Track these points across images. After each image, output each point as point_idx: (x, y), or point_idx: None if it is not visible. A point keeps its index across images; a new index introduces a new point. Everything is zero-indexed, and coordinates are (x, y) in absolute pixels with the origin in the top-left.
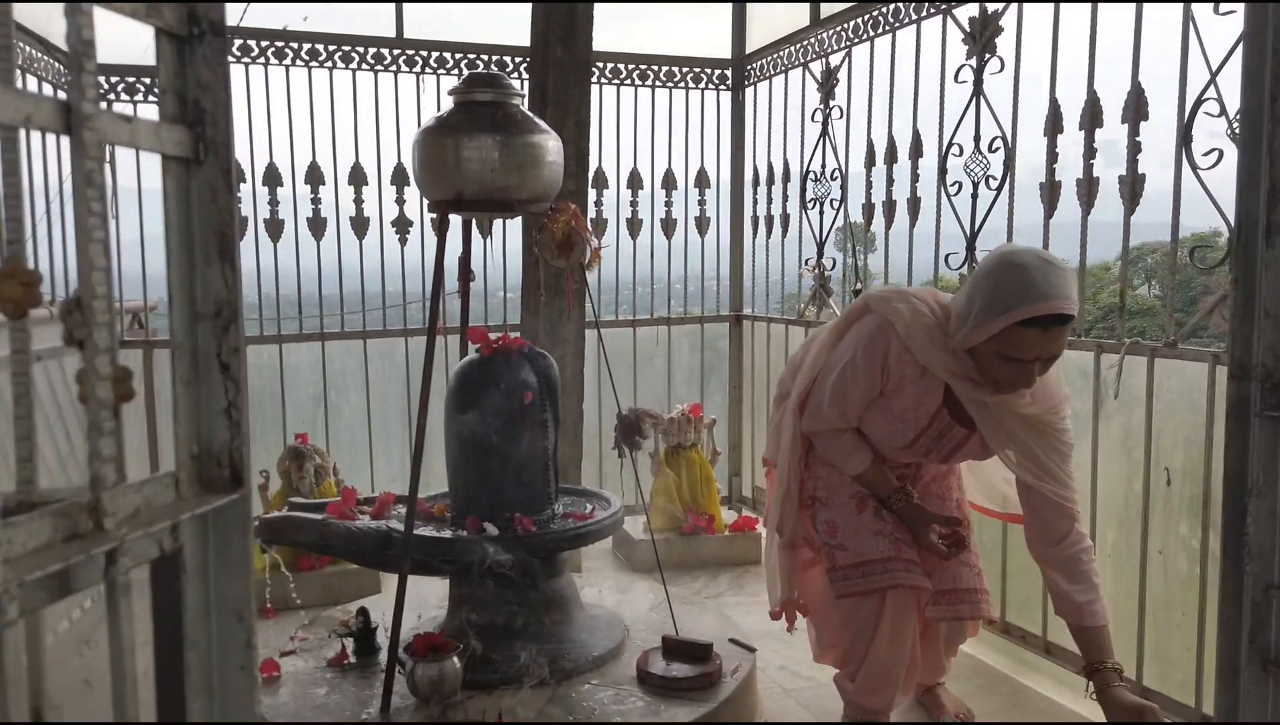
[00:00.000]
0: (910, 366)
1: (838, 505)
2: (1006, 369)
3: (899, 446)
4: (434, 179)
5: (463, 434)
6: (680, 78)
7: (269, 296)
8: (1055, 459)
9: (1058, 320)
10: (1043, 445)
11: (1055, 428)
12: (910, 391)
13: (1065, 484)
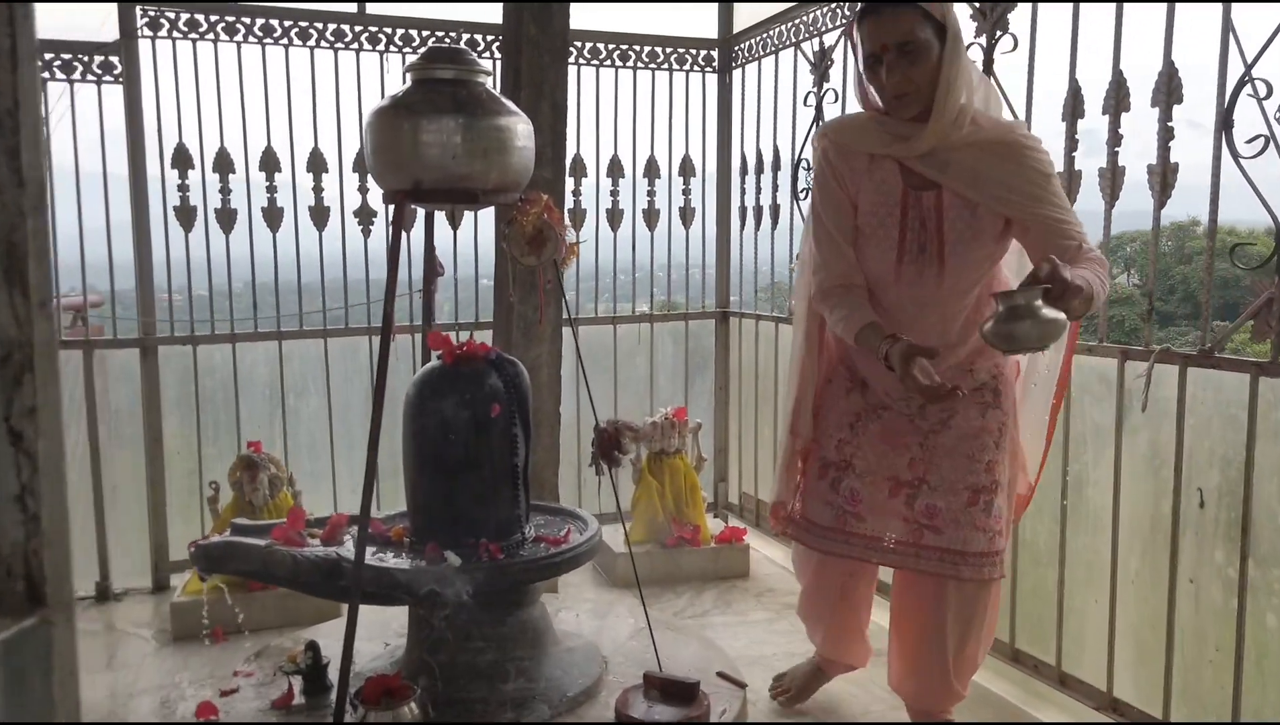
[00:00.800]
0: (856, 159)
1: (809, 462)
2: (878, 78)
3: (891, 261)
4: (389, 166)
5: (422, 450)
6: (664, 59)
7: (221, 292)
8: (1037, 180)
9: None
10: (1015, 170)
11: (1022, 145)
12: (868, 185)
13: (1057, 205)
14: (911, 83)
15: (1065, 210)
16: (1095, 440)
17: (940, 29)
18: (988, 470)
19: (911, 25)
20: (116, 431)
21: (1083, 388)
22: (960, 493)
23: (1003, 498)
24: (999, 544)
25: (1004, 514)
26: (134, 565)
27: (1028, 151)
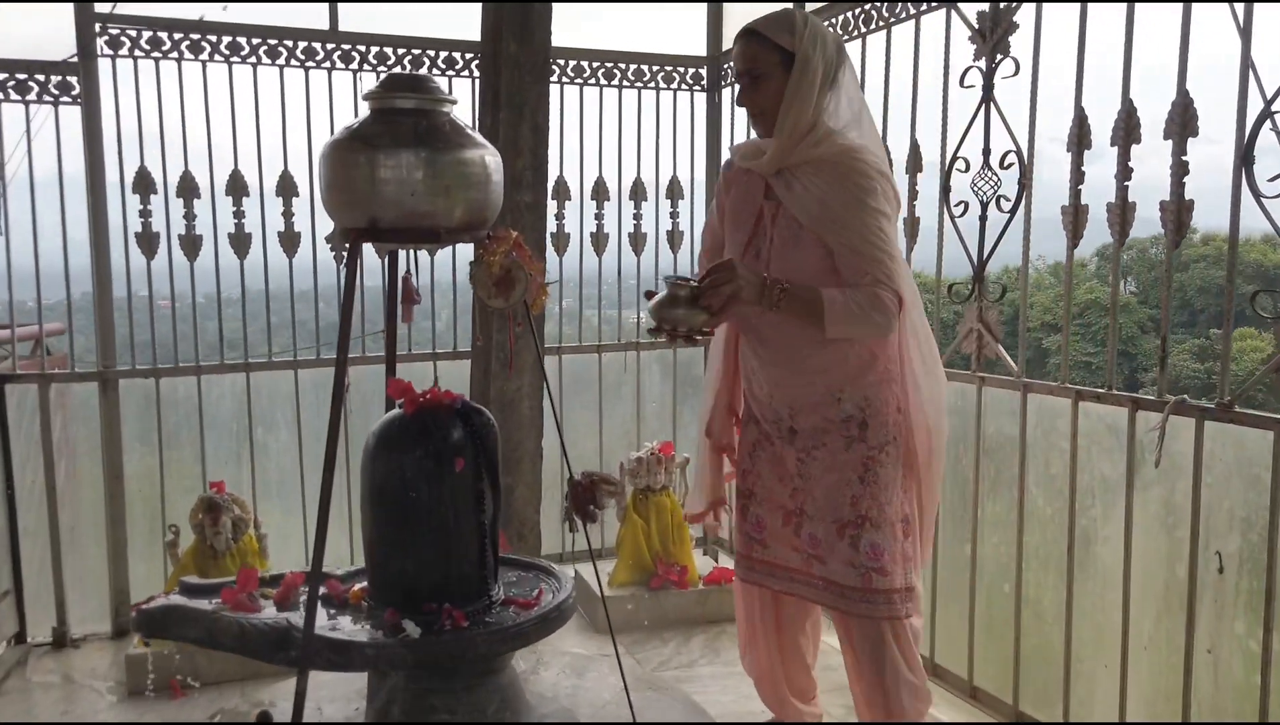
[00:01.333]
0: (736, 174)
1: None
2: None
3: (740, 242)
4: (343, 202)
5: (380, 507)
6: (650, 77)
7: (185, 321)
8: (852, 205)
9: (743, 35)
10: (835, 191)
11: (849, 167)
12: (736, 195)
13: (862, 236)
14: (756, 105)
15: (871, 243)
16: (1104, 494)
17: (791, 57)
18: (852, 505)
19: (756, 53)
20: (75, 469)
21: (1091, 437)
22: (829, 524)
23: (880, 534)
24: (877, 582)
25: (887, 551)
26: (93, 610)
27: (853, 175)
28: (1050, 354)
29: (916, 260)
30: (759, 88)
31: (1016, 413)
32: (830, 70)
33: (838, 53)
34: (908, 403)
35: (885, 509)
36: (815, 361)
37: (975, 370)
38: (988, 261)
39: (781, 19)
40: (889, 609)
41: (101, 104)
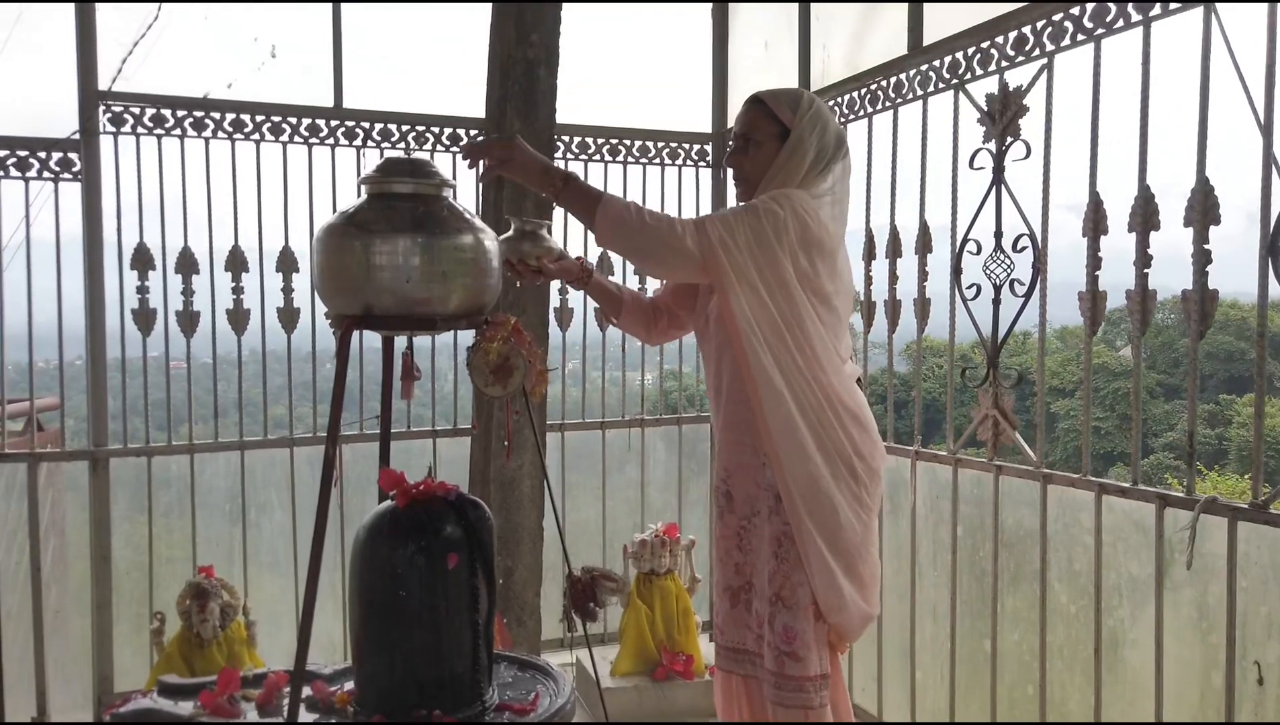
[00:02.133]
0: None
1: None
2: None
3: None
4: (337, 289)
5: (369, 604)
6: (655, 153)
7: (179, 399)
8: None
9: (750, 100)
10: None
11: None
12: None
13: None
14: (742, 170)
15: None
16: (1132, 594)
17: (788, 131)
18: (769, 581)
19: (756, 119)
20: (62, 549)
21: (1116, 533)
22: (726, 591)
23: (793, 616)
24: (789, 668)
25: (799, 635)
26: (75, 697)
27: (762, 204)
28: (1059, 419)
29: (940, 346)
30: (749, 153)
31: (1036, 503)
32: (823, 158)
33: (836, 146)
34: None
35: (798, 589)
36: (746, 420)
37: (991, 458)
38: (1002, 346)
39: (790, 95)
40: (802, 698)
41: (102, 179)
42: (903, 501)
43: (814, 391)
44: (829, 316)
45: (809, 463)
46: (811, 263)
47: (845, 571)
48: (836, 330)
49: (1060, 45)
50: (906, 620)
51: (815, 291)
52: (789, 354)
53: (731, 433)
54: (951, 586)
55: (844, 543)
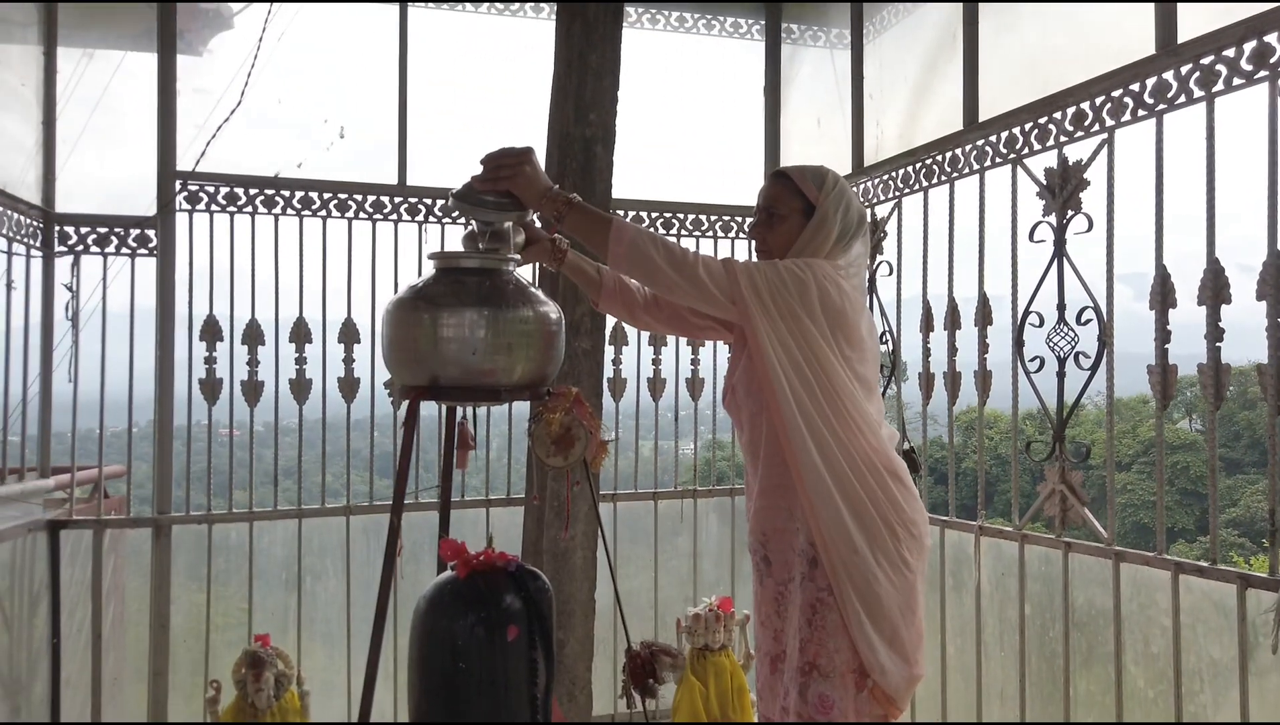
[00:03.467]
0: None
1: None
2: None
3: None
4: (405, 360)
5: (428, 675)
6: (708, 226)
7: (242, 467)
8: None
9: (773, 175)
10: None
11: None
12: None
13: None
14: (765, 243)
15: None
16: (1214, 678)
17: (812, 207)
18: (801, 650)
19: (780, 194)
20: (122, 615)
21: (1195, 614)
22: (767, 657)
23: (829, 685)
24: None
25: (837, 704)
26: None
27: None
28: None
29: (990, 417)
30: (773, 226)
31: (1106, 581)
32: (846, 235)
33: (858, 224)
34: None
35: (835, 657)
36: (783, 483)
37: (1059, 534)
38: (1068, 420)
39: (815, 172)
40: None
41: (176, 253)
42: (966, 578)
43: (847, 448)
44: (858, 374)
45: (843, 525)
46: (832, 329)
47: (888, 638)
48: (866, 390)
49: (1120, 120)
50: (973, 703)
51: (840, 356)
52: (819, 408)
53: (767, 497)
54: (1020, 668)
55: (885, 606)
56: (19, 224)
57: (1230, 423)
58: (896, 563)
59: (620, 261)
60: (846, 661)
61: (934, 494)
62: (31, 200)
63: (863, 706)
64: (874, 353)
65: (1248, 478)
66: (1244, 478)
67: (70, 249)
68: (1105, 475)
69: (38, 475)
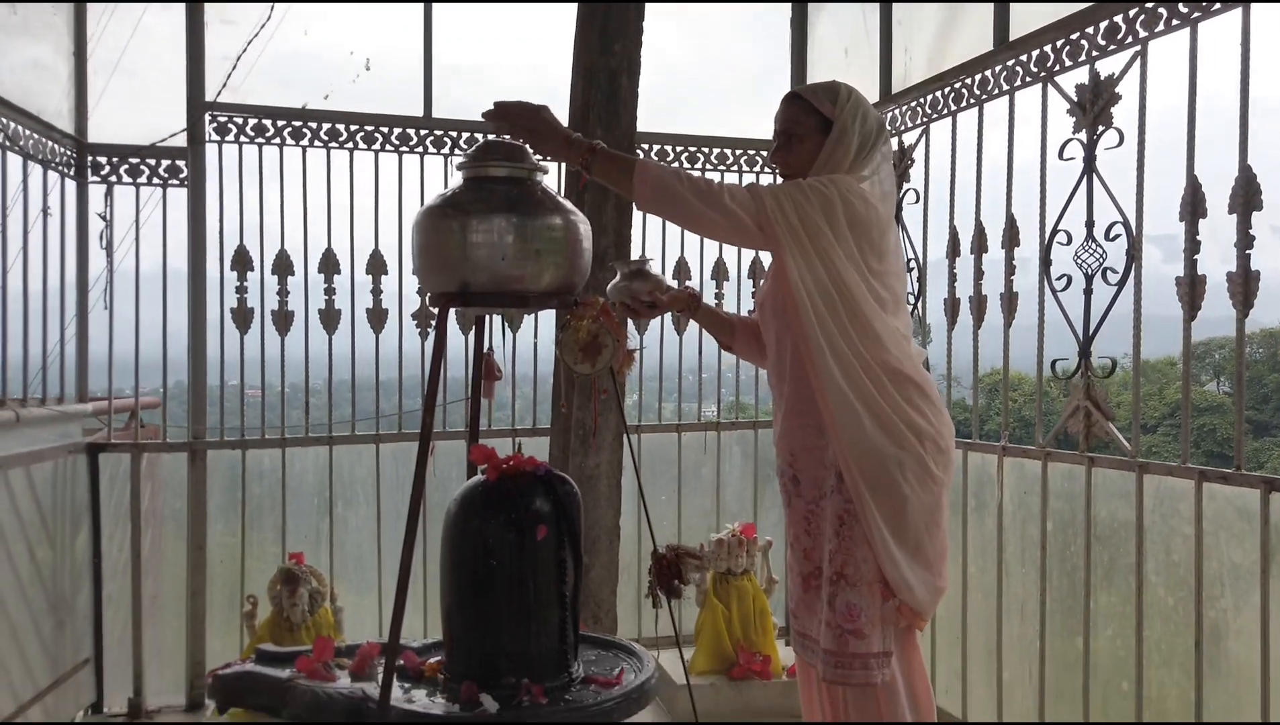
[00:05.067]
0: None
1: None
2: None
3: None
4: (435, 267)
5: (460, 575)
6: (733, 160)
7: (274, 394)
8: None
9: (787, 97)
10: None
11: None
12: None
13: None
14: (787, 166)
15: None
16: (1235, 583)
17: (829, 123)
18: (829, 560)
19: (796, 115)
20: (160, 538)
21: (1218, 522)
22: (798, 577)
23: (856, 594)
24: (853, 645)
25: (864, 612)
26: (169, 682)
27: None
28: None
29: (1015, 337)
30: (793, 149)
31: (1130, 495)
32: (866, 145)
33: (878, 131)
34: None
35: (861, 567)
36: (810, 402)
37: (1083, 450)
38: (1094, 336)
39: (827, 88)
40: (865, 675)
41: (206, 185)
42: (988, 499)
43: (869, 363)
44: (884, 292)
45: (865, 436)
46: (859, 244)
47: (912, 550)
48: (893, 306)
49: (1154, 31)
50: (992, 619)
51: (867, 270)
52: (840, 325)
53: (794, 417)
54: (1040, 583)
55: (909, 518)
56: (53, 151)
57: (1260, 384)
58: (921, 475)
59: (647, 200)
60: (873, 571)
61: (956, 418)
62: (65, 129)
63: (888, 615)
64: (900, 267)
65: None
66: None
67: (103, 179)
68: (1129, 393)
69: (76, 402)
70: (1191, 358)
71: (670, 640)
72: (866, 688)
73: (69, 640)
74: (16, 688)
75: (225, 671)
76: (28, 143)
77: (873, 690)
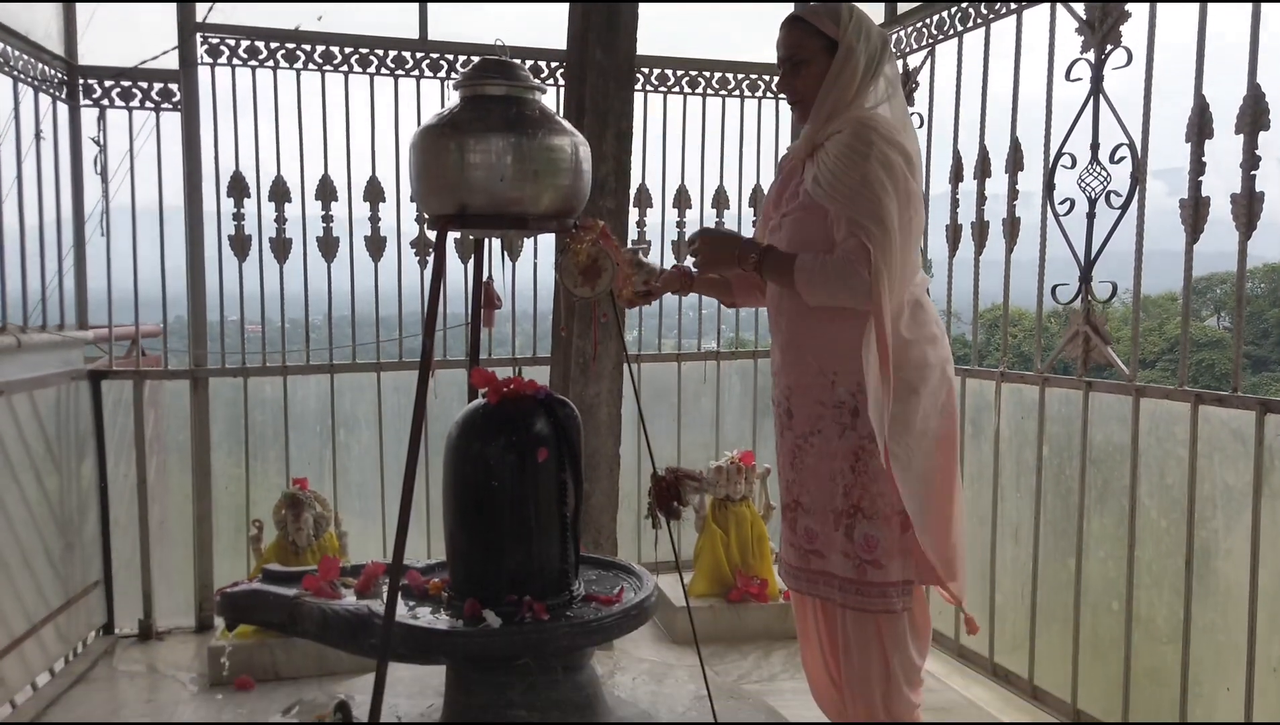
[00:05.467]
0: (784, 165)
1: None
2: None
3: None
4: (433, 189)
5: (462, 496)
6: (734, 85)
7: (274, 323)
8: (840, 164)
9: (787, 21)
10: (837, 152)
11: (854, 128)
12: (778, 181)
13: (853, 202)
14: (796, 92)
15: (856, 206)
16: (1227, 504)
17: (834, 44)
18: (845, 494)
19: (799, 39)
20: (165, 465)
21: (1212, 444)
22: (826, 515)
23: (874, 526)
24: (871, 575)
25: (881, 543)
26: (178, 604)
27: (857, 135)
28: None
29: (1018, 260)
30: (799, 74)
31: (1126, 419)
32: (873, 62)
33: (882, 47)
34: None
35: (878, 500)
36: (809, 339)
37: (1081, 375)
38: (1095, 260)
39: (828, 8)
40: (884, 603)
41: (200, 110)
42: (986, 425)
43: (901, 302)
44: (916, 218)
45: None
46: (901, 210)
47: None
48: (917, 234)
49: None
50: (987, 543)
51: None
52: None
53: (792, 351)
54: (1035, 507)
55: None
56: (44, 75)
57: (1259, 320)
58: (938, 406)
59: (809, 290)
60: (891, 504)
61: (956, 353)
62: (55, 50)
63: (907, 545)
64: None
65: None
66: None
67: (95, 102)
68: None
69: (76, 330)
70: (1192, 291)
71: (669, 565)
72: (886, 615)
73: (78, 563)
74: (29, 608)
75: (233, 590)
76: (18, 63)
77: (873, 616)
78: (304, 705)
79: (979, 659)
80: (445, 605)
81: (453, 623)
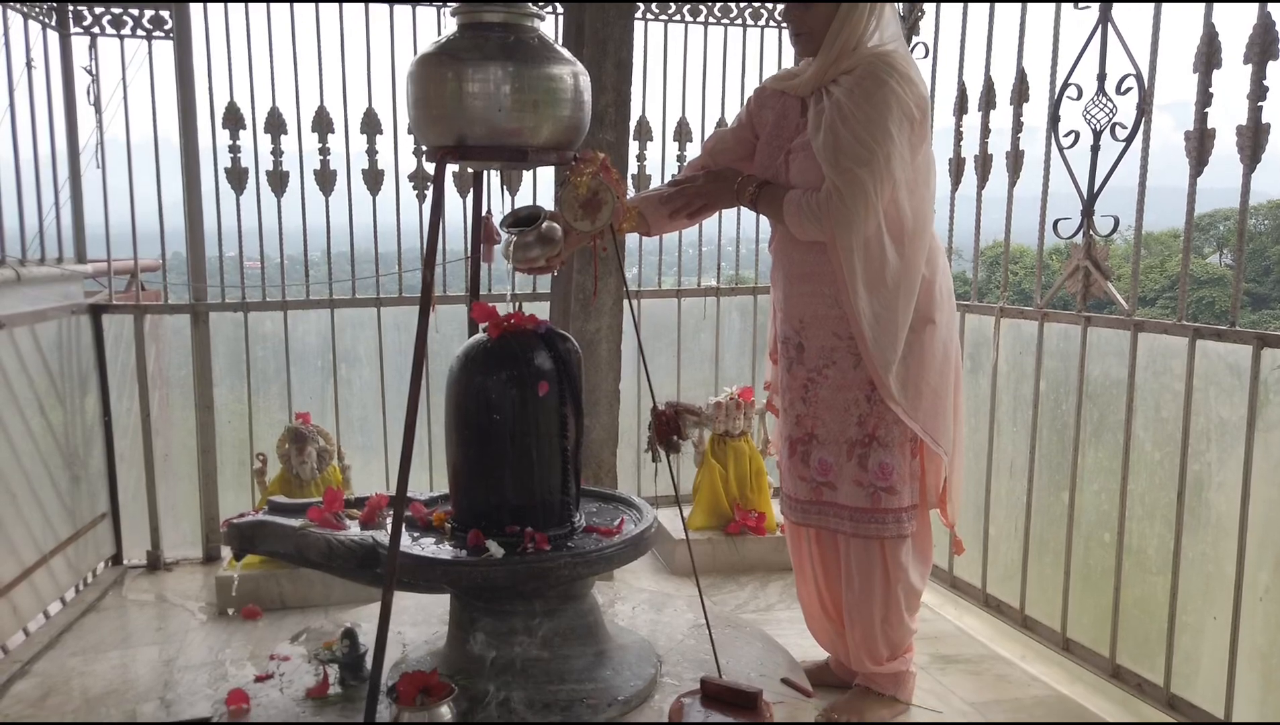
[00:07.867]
0: (770, 98)
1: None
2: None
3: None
4: (430, 119)
5: (464, 430)
6: (737, 14)
7: (273, 257)
8: (847, 103)
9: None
10: (846, 91)
11: (875, 68)
12: (771, 117)
13: (842, 140)
14: (805, 24)
15: (848, 149)
16: (1221, 438)
17: None
18: (859, 424)
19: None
20: (168, 399)
21: (1209, 378)
22: (840, 446)
23: (889, 453)
24: (886, 502)
25: (895, 469)
26: (185, 535)
27: (870, 72)
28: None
29: (1020, 196)
30: (810, 7)
31: (1124, 354)
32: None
33: None
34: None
35: (894, 428)
36: (821, 269)
37: (1081, 309)
38: (1099, 194)
39: None
40: (896, 528)
41: (193, 39)
42: (984, 361)
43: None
44: (928, 160)
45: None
46: (913, 148)
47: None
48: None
49: None
50: (982, 477)
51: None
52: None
53: (805, 283)
54: (1031, 441)
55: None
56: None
57: (1261, 257)
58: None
59: (796, 223)
60: (904, 432)
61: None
62: None
63: (915, 470)
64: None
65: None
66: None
67: (86, 29)
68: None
69: (75, 262)
70: (1195, 227)
71: (669, 500)
72: (898, 540)
73: (85, 495)
74: (38, 539)
75: (240, 520)
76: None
77: (878, 543)
78: (311, 633)
79: (971, 590)
80: (448, 536)
81: (456, 553)
